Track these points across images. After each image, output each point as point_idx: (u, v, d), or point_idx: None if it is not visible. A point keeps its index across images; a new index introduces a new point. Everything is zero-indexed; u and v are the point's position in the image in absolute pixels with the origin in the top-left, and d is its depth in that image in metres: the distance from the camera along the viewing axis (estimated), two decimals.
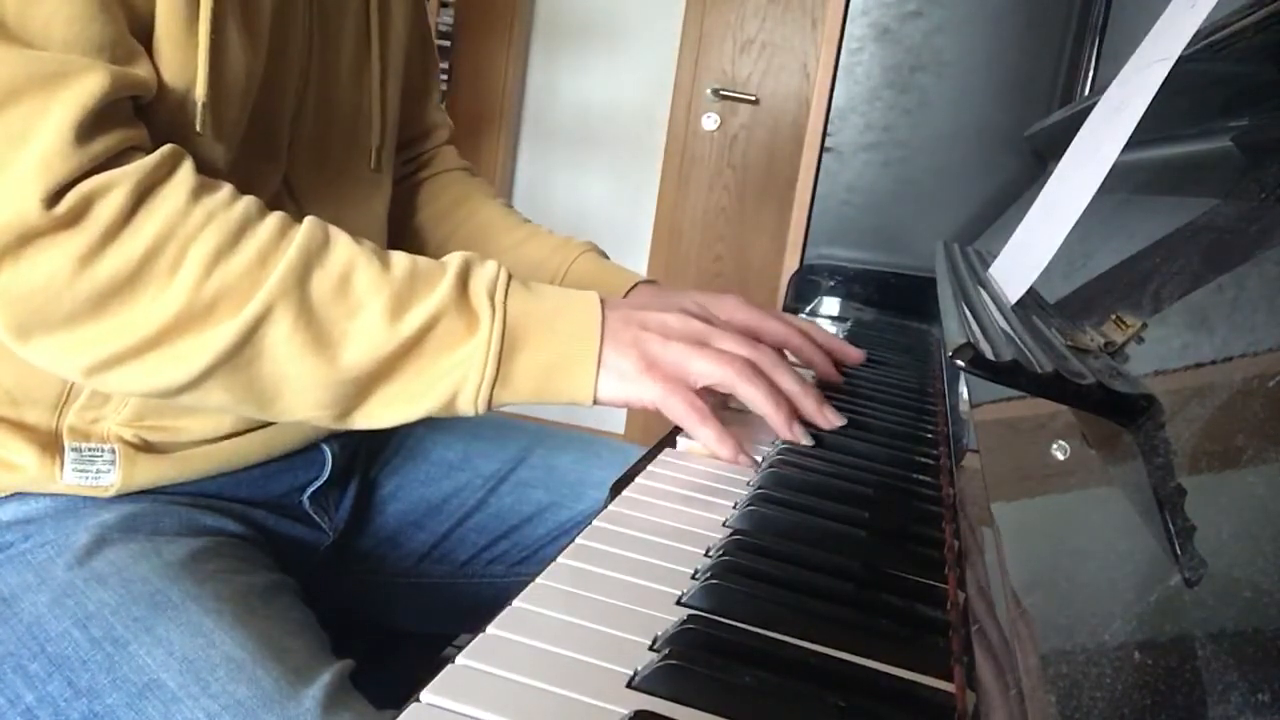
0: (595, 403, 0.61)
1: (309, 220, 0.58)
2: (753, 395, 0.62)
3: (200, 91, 0.58)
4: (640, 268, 3.13)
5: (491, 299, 0.59)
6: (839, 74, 1.54)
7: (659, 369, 0.60)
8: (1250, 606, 0.23)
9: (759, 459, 0.64)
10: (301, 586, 0.68)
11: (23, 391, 0.63)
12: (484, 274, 0.60)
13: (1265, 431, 0.28)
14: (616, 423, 3.08)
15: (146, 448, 0.66)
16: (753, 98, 2.94)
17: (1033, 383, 0.39)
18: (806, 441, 0.65)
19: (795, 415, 0.65)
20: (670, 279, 3.11)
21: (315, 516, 0.77)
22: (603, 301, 0.62)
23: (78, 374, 0.56)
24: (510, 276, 0.61)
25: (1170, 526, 0.29)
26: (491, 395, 0.58)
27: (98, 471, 0.64)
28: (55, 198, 0.52)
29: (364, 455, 0.84)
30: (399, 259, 0.60)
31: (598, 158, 3.11)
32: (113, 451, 0.64)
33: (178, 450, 0.67)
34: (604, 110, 3.08)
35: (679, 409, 0.60)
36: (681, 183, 3.04)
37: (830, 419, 0.67)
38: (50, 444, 0.63)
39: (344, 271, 0.57)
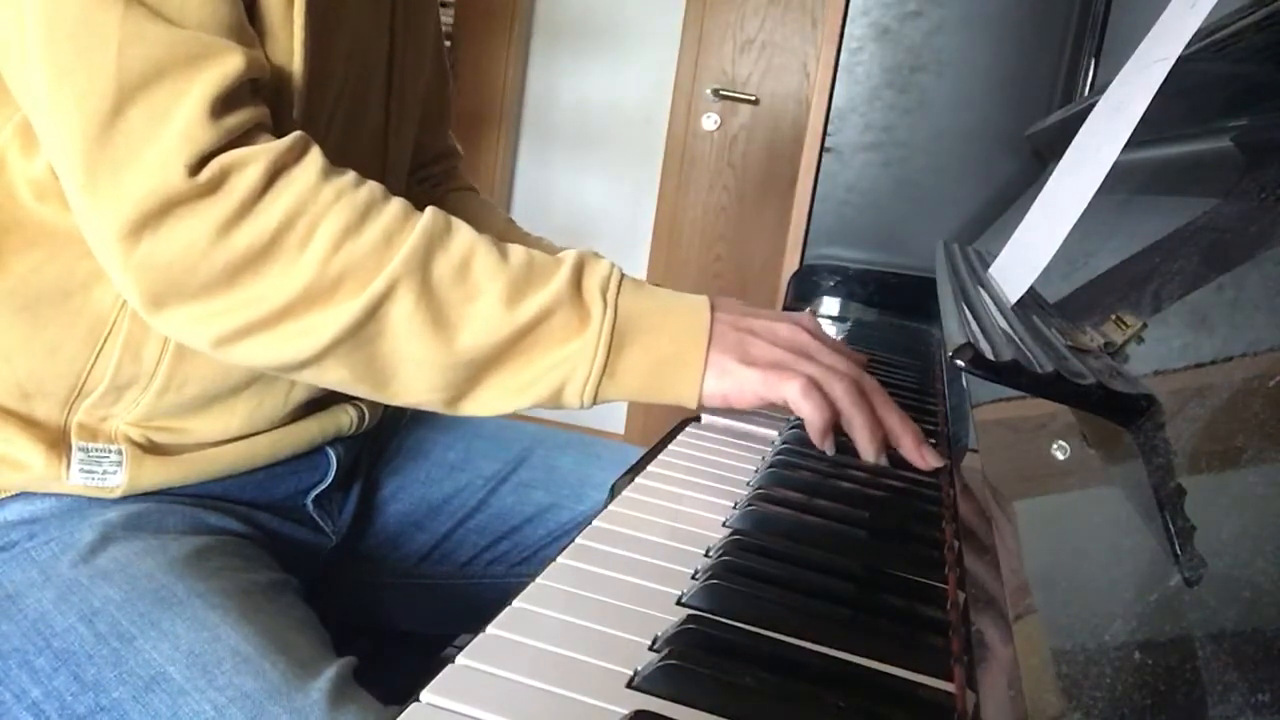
0: (699, 404, 0.60)
1: (431, 208, 0.60)
2: (854, 416, 0.61)
3: (298, 80, 0.61)
4: (640, 268, 3.13)
5: (604, 295, 0.60)
6: (839, 74, 1.54)
7: (763, 361, 0.60)
8: (1250, 606, 0.23)
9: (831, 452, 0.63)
10: (303, 587, 0.68)
11: (35, 384, 0.63)
12: (598, 270, 0.61)
13: (1265, 431, 0.28)
14: (616, 423, 3.08)
15: (153, 449, 0.66)
16: (753, 98, 2.93)
17: (1033, 383, 0.39)
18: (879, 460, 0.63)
19: (885, 445, 0.63)
20: (670, 279, 3.11)
21: (318, 520, 0.77)
22: (712, 305, 0.62)
23: (207, 344, 0.57)
24: (623, 275, 0.62)
25: (1170, 526, 0.29)
26: (598, 389, 0.59)
27: (104, 472, 0.64)
28: (197, 166, 0.54)
29: (367, 459, 0.84)
30: (517, 250, 0.61)
31: (598, 158, 3.11)
32: (120, 452, 0.64)
33: (184, 452, 0.67)
34: (604, 110, 3.08)
35: (777, 383, 0.60)
36: (681, 183, 3.04)
37: (929, 460, 0.63)
38: (58, 442, 0.63)
39: (465, 257, 0.59)
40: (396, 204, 0.59)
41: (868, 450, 0.62)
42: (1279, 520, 0.25)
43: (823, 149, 1.56)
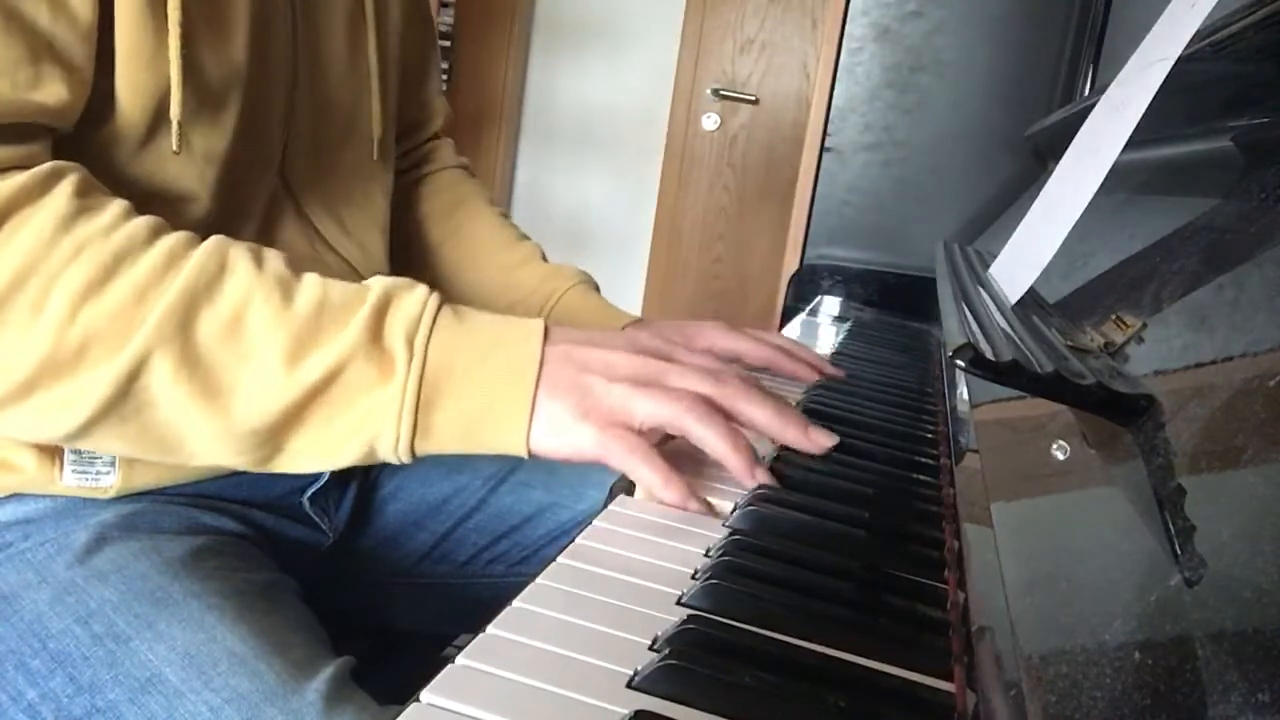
0: (530, 455, 0.54)
1: (208, 245, 0.52)
2: (704, 436, 0.54)
3: (175, 111, 0.56)
4: (640, 268, 3.13)
5: (410, 341, 0.52)
6: (839, 74, 1.54)
7: (598, 413, 0.53)
8: (1250, 606, 0.23)
9: (711, 502, 0.56)
10: (301, 586, 0.68)
11: None
12: (405, 310, 0.53)
13: (1265, 431, 0.28)
14: None
15: None
16: (753, 98, 2.94)
17: (1033, 383, 0.39)
18: (768, 480, 0.56)
19: (754, 460, 0.56)
20: (670, 279, 3.11)
21: (315, 518, 0.77)
22: (547, 333, 0.55)
23: None
24: (440, 307, 0.54)
25: (1170, 526, 0.29)
26: (413, 447, 0.53)
27: (97, 473, 0.64)
28: None
29: None
30: (308, 291, 0.53)
31: (598, 158, 3.11)
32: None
33: None
34: (604, 110, 3.08)
35: (616, 451, 0.53)
36: (681, 183, 3.05)
37: (819, 440, 0.59)
38: (50, 446, 0.63)
39: (236, 310, 0.51)
40: (160, 249, 0.51)
41: (734, 469, 0.55)
42: (1279, 520, 0.25)
43: (823, 149, 1.57)
